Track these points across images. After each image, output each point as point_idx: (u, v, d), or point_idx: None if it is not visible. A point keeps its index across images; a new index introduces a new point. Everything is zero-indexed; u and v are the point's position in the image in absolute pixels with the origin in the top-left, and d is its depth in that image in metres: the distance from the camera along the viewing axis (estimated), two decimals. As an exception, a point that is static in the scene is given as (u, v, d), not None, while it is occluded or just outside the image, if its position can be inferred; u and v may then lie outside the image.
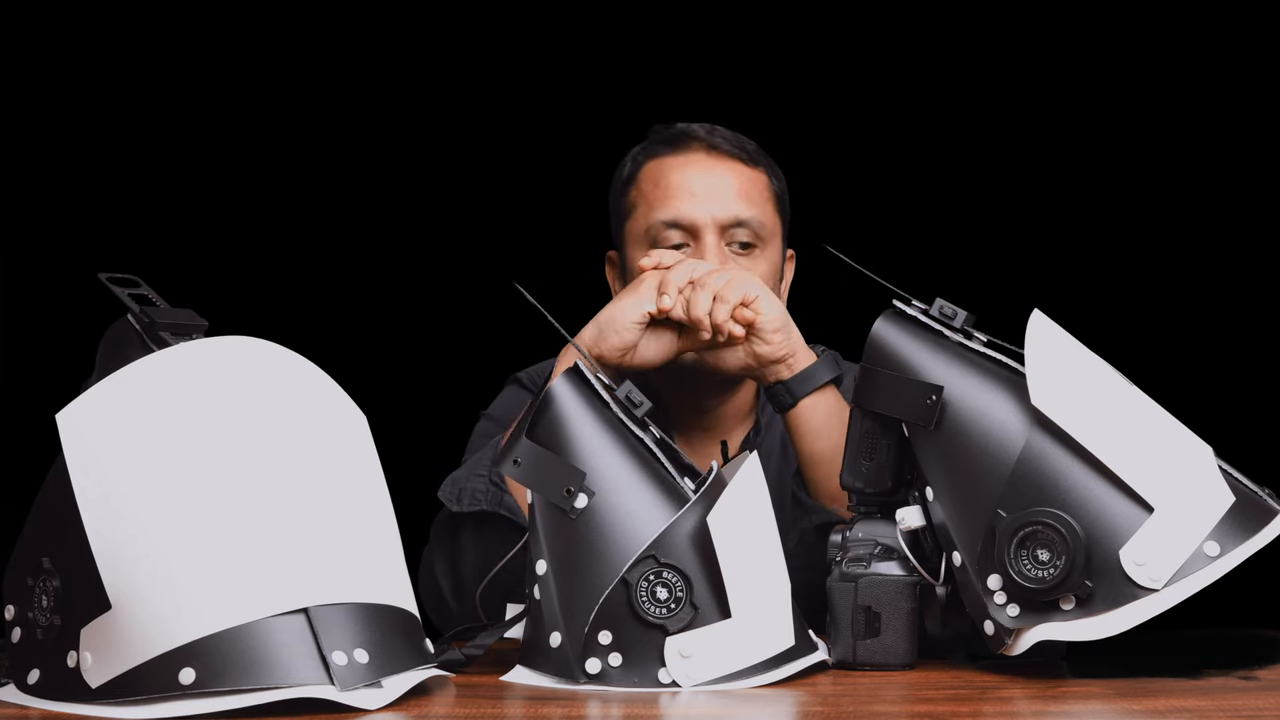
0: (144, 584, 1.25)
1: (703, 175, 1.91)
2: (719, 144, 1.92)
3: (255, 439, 1.32)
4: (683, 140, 1.93)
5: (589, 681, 1.39)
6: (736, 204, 1.90)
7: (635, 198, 1.94)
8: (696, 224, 1.89)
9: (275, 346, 1.39)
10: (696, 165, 1.91)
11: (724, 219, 1.89)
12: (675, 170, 1.91)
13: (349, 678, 1.26)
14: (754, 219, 1.90)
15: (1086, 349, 1.49)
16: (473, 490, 1.79)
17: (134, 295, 1.41)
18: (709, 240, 1.88)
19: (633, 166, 1.96)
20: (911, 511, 1.50)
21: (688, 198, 1.89)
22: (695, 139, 1.93)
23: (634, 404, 1.48)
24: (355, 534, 1.34)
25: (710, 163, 1.92)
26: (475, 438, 1.97)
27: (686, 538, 1.40)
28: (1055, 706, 1.33)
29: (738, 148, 1.93)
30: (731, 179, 1.91)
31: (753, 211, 1.90)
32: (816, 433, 1.78)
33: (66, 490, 1.27)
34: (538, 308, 1.74)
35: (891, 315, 1.56)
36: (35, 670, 1.30)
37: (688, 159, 1.92)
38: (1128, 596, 1.39)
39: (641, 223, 1.91)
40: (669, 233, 1.89)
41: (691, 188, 1.90)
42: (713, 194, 1.90)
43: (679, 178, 1.91)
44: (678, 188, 1.90)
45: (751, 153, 1.93)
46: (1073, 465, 1.42)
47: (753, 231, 1.90)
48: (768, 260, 1.91)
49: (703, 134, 1.93)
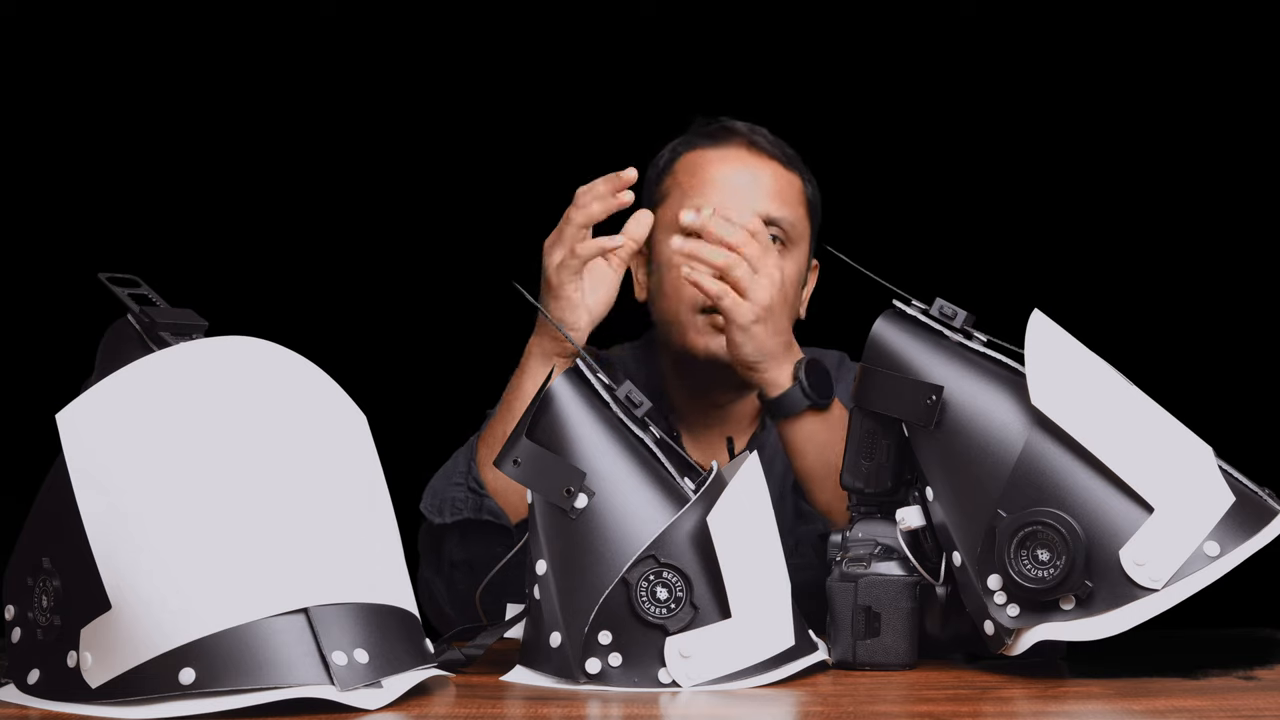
0: (144, 584, 1.25)
1: (740, 170, 1.91)
2: (759, 142, 1.92)
3: (255, 439, 1.32)
4: (724, 135, 1.93)
5: (589, 681, 1.39)
6: (770, 202, 1.89)
7: (670, 186, 1.94)
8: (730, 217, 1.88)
9: (275, 346, 1.39)
10: (735, 160, 1.91)
11: (758, 215, 1.88)
12: (714, 163, 1.92)
13: (349, 678, 1.27)
14: (786, 219, 1.90)
15: (1086, 349, 1.49)
16: (452, 500, 1.79)
17: (134, 295, 1.41)
18: None
19: (670, 156, 1.96)
20: (911, 511, 1.50)
21: (724, 190, 1.89)
22: (737, 134, 1.93)
23: (634, 404, 1.48)
24: (355, 534, 1.34)
25: (749, 159, 1.92)
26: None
27: (686, 538, 1.40)
28: (1055, 706, 1.33)
29: (777, 149, 1.93)
30: (768, 177, 1.91)
31: (785, 211, 1.90)
32: (799, 452, 1.78)
33: (66, 490, 1.27)
34: (538, 308, 1.75)
35: (891, 315, 1.56)
36: (35, 670, 1.30)
37: (727, 153, 1.92)
38: (1128, 596, 1.39)
39: (674, 211, 1.89)
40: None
41: (730, 181, 1.90)
42: (750, 190, 1.89)
43: (717, 170, 1.91)
44: (716, 179, 1.90)
45: (790, 156, 1.94)
46: (1073, 465, 1.42)
47: (784, 231, 1.89)
48: (794, 262, 1.91)
49: (744, 131, 1.93)
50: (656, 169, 1.97)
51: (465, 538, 1.79)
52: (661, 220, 1.91)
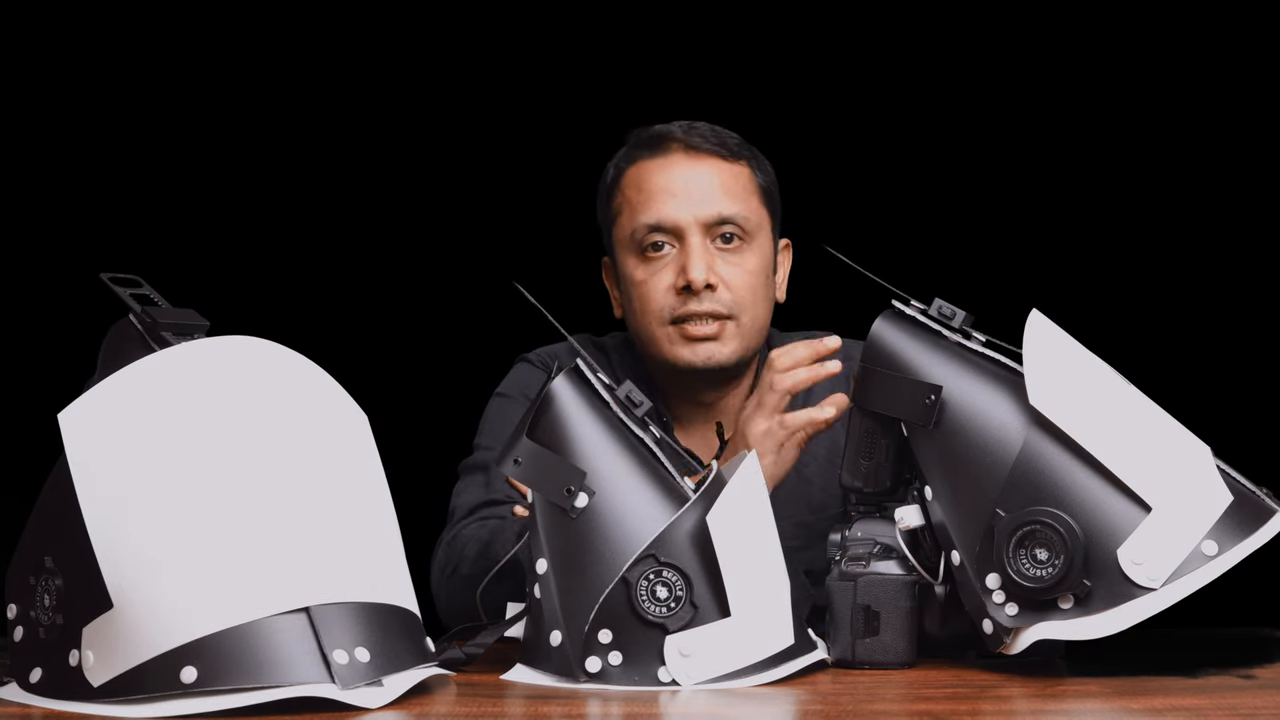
0: (145, 583, 1.25)
1: (682, 175, 1.91)
2: (697, 143, 1.92)
3: (256, 438, 1.32)
4: (661, 142, 1.93)
5: (589, 680, 1.39)
6: (719, 201, 1.90)
7: (620, 203, 1.94)
8: (680, 225, 1.89)
9: (276, 346, 1.40)
10: (676, 166, 1.91)
11: (706, 217, 1.89)
12: (655, 173, 1.92)
13: (350, 676, 1.27)
14: (738, 214, 1.90)
15: (1085, 349, 1.50)
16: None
17: (136, 295, 1.41)
18: (694, 241, 1.88)
19: (615, 173, 1.96)
20: (910, 511, 1.51)
21: (669, 199, 1.90)
22: (673, 140, 1.92)
23: (634, 404, 1.48)
24: (356, 533, 1.34)
25: (689, 162, 1.91)
26: (490, 416, 1.97)
27: (686, 537, 1.40)
28: (1054, 705, 1.34)
29: (717, 144, 1.92)
30: (712, 176, 1.91)
31: (736, 207, 1.90)
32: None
33: (68, 490, 1.27)
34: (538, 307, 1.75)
35: (890, 315, 1.56)
36: (37, 669, 1.31)
37: (667, 160, 1.92)
38: (1126, 595, 1.39)
39: (627, 227, 1.92)
40: (654, 235, 1.90)
41: (672, 189, 1.90)
42: (693, 193, 1.90)
43: (660, 180, 1.91)
44: (659, 190, 1.90)
45: (733, 147, 1.93)
46: (1071, 465, 1.43)
47: (737, 226, 1.90)
48: (756, 254, 1.91)
49: (680, 134, 1.93)
50: (605, 186, 1.97)
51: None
52: (618, 238, 1.94)
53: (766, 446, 1.72)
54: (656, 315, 1.90)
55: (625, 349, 2.01)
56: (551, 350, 1.99)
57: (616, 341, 2.03)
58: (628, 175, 1.94)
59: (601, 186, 1.98)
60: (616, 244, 1.95)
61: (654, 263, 1.90)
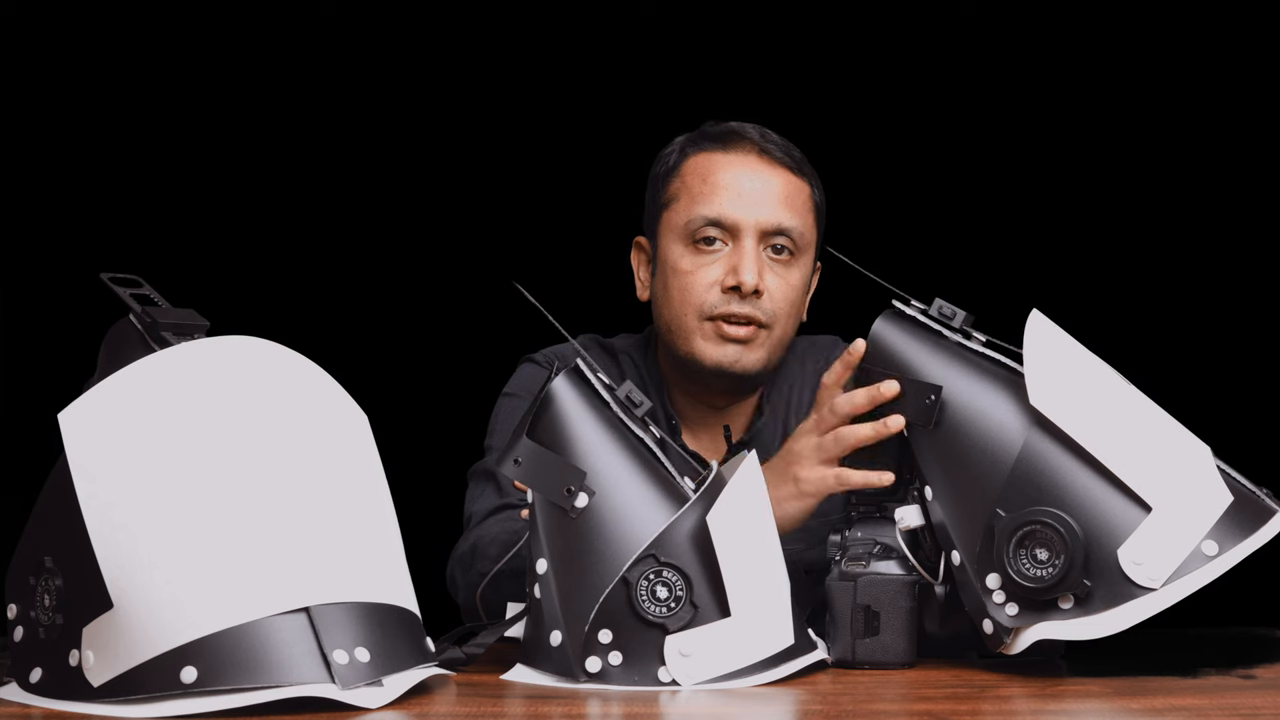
0: (145, 583, 1.25)
1: (751, 177, 1.89)
2: (770, 149, 1.90)
3: (256, 438, 1.32)
4: (734, 139, 1.91)
5: (589, 680, 1.39)
6: (781, 211, 1.88)
7: (678, 189, 1.92)
8: (739, 225, 1.87)
9: (276, 346, 1.40)
10: (746, 166, 1.89)
11: (767, 224, 1.87)
12: (724, 168, 1.90)
13: (350, 676, 1.27)
14: (795, 228, 1.88)
15: (1085, 349, 1.50)
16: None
17: (136, 295, 1.41)
18: (747, 244, 1.86)
19: (679, 157, 1.93)
20: (910, 511, 1.51)
21: (734, 197, 1.88)
22: (747, 139, 1.91)
23: (634, 404, 1.48)
24: (356, 533, 1.34)
25: (760, 166, 1.90)
26: (500, 417, 1.96)
27: (686, 537, 1.40)
28: (1054, 705, 1.34)
29: (787, 155, 1.91)
30: (779, 185, 1.89)
31: (795, 220, 1.88)
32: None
33: (68, 490, 1.27)
34: (538, 307, 1.75)
35: (891, 315, 1.56)
36: (38, 669, 1.31)
37: (738, 158, 1.90)
38: (1126, 595, 1.39)
39: (682, 215, 1.89)
40: (709, 229, 1.88)
41: (739, 188, 1.88)
42: (759, 198, 1.88)
43: (727, 176, 1.89)
44: (725, 186, 1.89)
45: (799, 161, 1.92)
46: (1071, 465, 1.43)
47: (791, 240, 1.88)
48: (799, 270, 1.90)
49: (755, 136, 1.91)
50: (664, 167, 1.94)
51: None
52: (668, 223, 1.91)
53: (821, 489, 1.66)
54: (696, 308, 1.87)
55: (636, 351, 1.99)
56: (557, 350, 1.98)
57: (626, 344, 2.01)
58: (692, 162, 1.92)
59: (659, 167, 1.95)
60: (664, 228, 1.91)
61: (704, 255, 1.88)
